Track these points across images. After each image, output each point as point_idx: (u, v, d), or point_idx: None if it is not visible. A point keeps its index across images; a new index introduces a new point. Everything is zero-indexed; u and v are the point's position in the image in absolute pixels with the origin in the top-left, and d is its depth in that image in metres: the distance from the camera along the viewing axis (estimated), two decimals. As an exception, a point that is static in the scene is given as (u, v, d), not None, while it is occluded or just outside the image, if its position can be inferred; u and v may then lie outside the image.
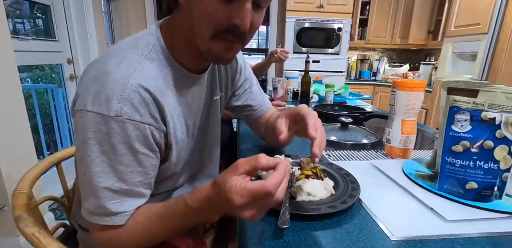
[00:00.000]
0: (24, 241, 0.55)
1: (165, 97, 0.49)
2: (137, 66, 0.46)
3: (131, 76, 0.45)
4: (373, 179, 0.66)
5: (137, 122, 0.45)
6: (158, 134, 0.49)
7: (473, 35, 2.35)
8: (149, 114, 0.47)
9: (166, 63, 0.51)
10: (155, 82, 0.48)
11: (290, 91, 1.81)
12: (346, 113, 1.30)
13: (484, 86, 0.57)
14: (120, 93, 0.43)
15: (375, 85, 3.62)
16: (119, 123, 0.43)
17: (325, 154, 0.82)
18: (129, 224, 0.48)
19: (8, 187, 1.26)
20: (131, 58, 0.47)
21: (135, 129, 0.45)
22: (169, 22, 0.53)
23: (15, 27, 1.82)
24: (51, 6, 1.99)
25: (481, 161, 0.53)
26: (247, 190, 0.37)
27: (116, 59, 0.47)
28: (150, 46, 0.50)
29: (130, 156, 0.46)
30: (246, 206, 0.37)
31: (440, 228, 0.47)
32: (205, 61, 0.58)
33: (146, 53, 0.49)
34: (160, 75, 0.50)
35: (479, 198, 0.53)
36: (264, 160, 0.39)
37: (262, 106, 0.82)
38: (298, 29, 3.21)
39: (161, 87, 0.49)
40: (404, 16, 3.51)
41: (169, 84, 0.51)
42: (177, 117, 0.54)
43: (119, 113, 0.43)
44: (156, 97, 0.47)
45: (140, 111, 0.45)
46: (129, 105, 0.44)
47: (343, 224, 0.48)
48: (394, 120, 0.77)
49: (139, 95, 0.45)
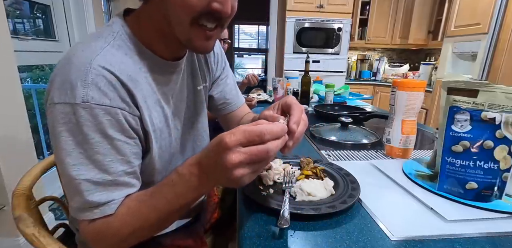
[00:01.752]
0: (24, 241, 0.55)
1: (135, 82, 0.47)
2: (99, 51, 0.44)
3: (93, 60, 0.43)
4: (373, 179, 0.66)
5: (107, 107, 0.42)
6: (133, 120, 0.47)
7: (473, 35, 2.35)
8: (119, 98, 0.44)
9: (135, 50, 0.49)
10: (122, 66, 0.46)
11: (290, 91, 1.81)
12: (346, 113, 1.30)
13: (484, 86, 0.57)
14: (83, 78, 0.41)
15: (375, 85, 3.62)
16: (87, 110, 0.41)
17: (325, 154, 0.82)
18: (120, 211, 0.45)
19: (8, 187, 1.26)
20: (93, 45, 0.46)
21: (106, 114, 0.42)
22: (138, 13, 0.51)
23: (15, 27, 1.82)
24: (51, 6, 1.99)
25: (481, 161, 0.53)
26: (241, 129, 0.36)
27: (79, 49, 0.45)
28: (114, 34, 0.48)
29: (106, 144, 0.43)
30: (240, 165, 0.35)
31: (440, 228, 0.47)
32: (181, 50, 0.56)
33: (110, 40, 0.47)
34: (129, 61, 0.48)
35: (479, 198, 0.53)
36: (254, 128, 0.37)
37: (236, 100, 0.79)
38: (298, 29, 3.20)
39: (130, 72, 0.46)
40: (404, 16, 3.51)
41: (140, 70, 0.49)
42: (152, 105, 0.51)
43: (85, 98, 0.41)
44: (123, 81, 0.45)
45: (109, 94, 0.43)
46: (95, 89, 0.41)
47: (343, 224, 0.48)
48: (394, 120, 0.77)
49: (105, 78, 0.42)
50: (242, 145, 0.36)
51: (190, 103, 0.63)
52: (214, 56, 0.71)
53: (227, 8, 0.45)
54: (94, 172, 0.43)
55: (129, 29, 0.49)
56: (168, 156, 0.58)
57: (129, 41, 0.49)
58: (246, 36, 6.99)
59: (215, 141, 0.38)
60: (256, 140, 0.36)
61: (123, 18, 0.51)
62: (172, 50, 0.54)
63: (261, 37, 6.91)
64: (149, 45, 0.51)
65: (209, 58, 0.69)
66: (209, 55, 0.69)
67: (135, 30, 0.50)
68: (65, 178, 0.44)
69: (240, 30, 6.80)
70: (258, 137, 0.36)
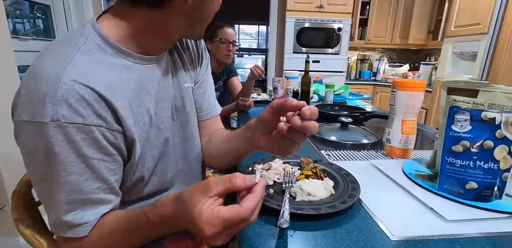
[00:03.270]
0: (24, 242, 0.55)
1: (115, 89, 0.44)
2: (69, 61, 0.41)
3: (63, 74, 0.39)
4: (373, 179, 0.66)
5: (80, 125, 0.40)
6: (111, 135, 0.44)
7: (473, 35, 2.35)
8: (94, 114, 0.41)
9: (112, 51, 0.46)
10: (97, 75, 0.42)
11: (290, 91, 1.81)
12: (346, 113, 1.30)
13: (484, 86, 0.57)
14: (52, 95, 0.38)
15: (375, 85, 3.62)
16: (58, 129, 0.38)
17: (325, 154, 0.82)
18: (93, 234, 0.45)
19: (8, 187, 1.26)
20: (60, 54, 0.42)
21: (79, 132, 0.40)
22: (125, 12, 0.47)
23: (15, 27, 1.82)
24: (51, 6, 1.99)
25: (481, 161, 0.53)
26: (221, 218, 0.33)
27: (45, 58, 0.42)
28: (84, 37, 0.45)
29: (81, 163, 0.41)
30: (218, 235, 0.34)
31: (440, 228, 0.47)
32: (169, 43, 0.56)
33: (80, 45, 0.43)
34: (104, 66, 0.45)
35: (479, 198, 0.53)
36: (240, 181, 0.36)
37: (210, 109, 0.72)
38: (298, 29, 3.20)
39: (107, 79, 0.44)
40: (404, 16, 3.51)
41: (121, 72, 0.47)
42: (136, 108, 0.49)
43: (55, 117, 0.38)
44: (101, 92, 0.42)
45: (81, 112, 0.40)
46: (66, 106, 0.38)
47: (343, 224, 0.48)
48: (394, 120, 0.77)
49: (76, 93, 0.39)
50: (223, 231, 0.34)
51: (178, 102, 0.61)
52: (201, 58, 0.69)
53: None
54: (67, 193, 0.42)
55: (102, 29, 0.46)
56: (153, 158, 0.56)
57: (103, 42, 0.46)
58: (246, 36, 6.98)
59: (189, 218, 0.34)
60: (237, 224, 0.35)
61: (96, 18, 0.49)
62: (159, 46, 0.53)
63: (261, 37, 6.90)
64: (130, 46, 0.48)
65: (196, 60, 0.68)
66: (196, 57, 0.68)
67: (112, 29, 0.47)
68: (39, 194, 0.44)
69: (240, 30, 6.79)
70: (241, 221, 0.34)
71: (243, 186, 0.36)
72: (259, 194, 0.36)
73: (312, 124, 0.41)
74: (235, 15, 5.70)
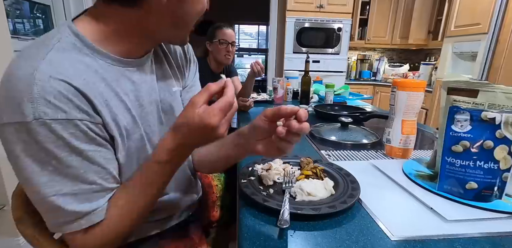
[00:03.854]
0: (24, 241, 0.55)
1: (92, 86, 0.43)
2: (42, 57, 0.40)
3: (37, 71, 0.38)
4: (373, 179, 0.66)
5: (64, 120, 0.39)
6: (97, 128, 0.44)
7: (473, 35, 2.35)
8: (76, 108, 0.41)
9: (88, 51, 0.45)
10: (72, 70, 0.42)
11: (290, 91, 1.81)
12: (346, 113, 1.30)
13: (484, 86, 0.57)
14: (29, 93, 0.37)
15: (375, 85, 3.62)
16: (43, 127, 0.38)
17: (325, 154, 0.82)
18: (111, 212, 0.46)
19: (8, 187, 1.26)
20: (34, 53, 0.41)
21: (65, 128, 0.39)
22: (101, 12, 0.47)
23: (15, 27, 1.82)
24: (51, 6, 1.99)
25: (481, 161, 0.53)
26: (217, 108, 0.42)
27: (18, 58, 0.41)
28: (59, 36, 0.44)
29: (76, 156, 0.41)
30: (220, 122, 0.43)
31: (440, 228, 0.47)
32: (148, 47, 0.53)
33: (54, 43, 0.43)
34: (80, 64, 0.44)
35: (479, 198, 0.53)
36: (214, 86, 0.45)
37: None
38: (298, 29, 3.20)
39: (84, 76, 0.43)
40: (404, 16, 3.51)
41: (97, 72, 0.45)
42: (116, 107, 0.48)
43: (37, 115, 0.37)
44: (78, 87, 0.41)
45: (62, 107, 0.39)
46: (45, 103, 0.38)
47: (343, 224, 0.48)
48: (394, 120, 0.77)
49: (53, 89, 0.38)
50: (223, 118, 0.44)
51: (165, 106, 0.59)
52: (189, 63, 0.68)
53: (208, 6, 0.51)
54: (68, 185, 0.42)
55: (77, 29, 0.45)
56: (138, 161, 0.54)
57: (79, 41, 0.45)
58: (246, 36, 6.98)
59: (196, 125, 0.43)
60: (228, 108, 0.44)
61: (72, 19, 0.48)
62: (138, 49, 0.51)
63: (261, 37, 6.90)
64: (107, 45, 0.47)
65: (183, 63, 0.66)
66: (184, 62, 0.66)
67: (88, 30, 0.46)
68: (36, 198, 0.42)
69: (240, 30, 6.79)
70: (230, 105, 0.44)
71: (218, 87, 0.45)
72: (230, 84, 0.46)
73: (306, 125, 0.45)
74: (235, 15, 5.70)
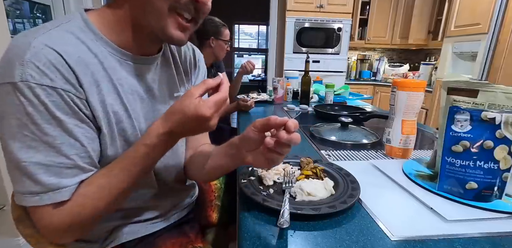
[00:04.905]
0: (24, 241, 0.55)
1: (85, 66, 0.44)
2: (44, 31, 0.42)
3: (36, 39, 0.41)
4: (373, 179, 0.66)
5: (49, 87, 0.40)
6: (81, 103, 0.44)
7: (473, 35, 2.35)
8: (63, 79, 0.41)
9: (92, 37, 0.47)
10: (69, 48, 0.43)
11: (290, 91, 1.81)
12: (346, 113, 1.30)
13: (484, 86, 0.57)
14: (21, 56, 0.39)
15: (375, 85, 3.62)
16: (28, 89, 0.39)
17: (325, 154, 0.82)
18: (90, 188, 0.45)
19: (8, 187, 1.26)
20: (40, 28, 0.44)
21: (49, 95, 0.40)
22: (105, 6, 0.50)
23: (15, 27, 1.82)
24: (51, 6, 1.99)
25: (481, 161, 0.53)
26: (212, 101, 0.44)
27: (27, 31, 0.44)
28: (68, 19, 0.47)
29: (55, 126, 0.41)
30: (212, 115, 0.44)
31: (440, 228, 0.47)
32: (151, 44, 0.54)
33: (62, 23, 0.45)
34: (79, 45, 0.45)
35: (479, 198, 0.53)
36: (211, 81, 0.46)
37: None
38: (298, 29, 3.20)
39: (79, 54, 0.44)
40: (404, 16, 3.51)
41: (96, 56, 0.47)
42: (106, 90, 0.48)
43: (24, 77, 0.38)
44: (68, 61, 0.42)
45: (49, 75, 0.40)
46: (33, 68, 0.39)
47: (343, 224, 0.48)
48: (394, 120, 0.77)
49: (44, 56, 0.40)
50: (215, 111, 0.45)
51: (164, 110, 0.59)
52: (197, 69, 0.69)
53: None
54: (42, 154, 0.41)
55: (88, 18, 0.48)
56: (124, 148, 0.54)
57: (86, 27, 0.47)
58: (246, 36, 6.99)
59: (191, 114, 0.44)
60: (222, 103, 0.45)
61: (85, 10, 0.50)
62: (140, 44, 0.52)
63: (261, 37, 6.91)
64: (110, 37, 0.49)
65: (192, 70, 0.67)
66: (192, 67, 0.67)
67: (95, 20, 0.48)
68: (11, 163, 0.42)
69: (240, 30, 6.80)
70: (224, 101, 0.45)
71: (215, 83, 0.46)
72: (226, 82, 0.47)
73: (296, 136, 0.44)
74: (235, 15, 5.70)
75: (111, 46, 0.49)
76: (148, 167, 0.50)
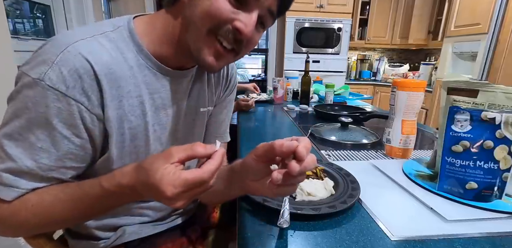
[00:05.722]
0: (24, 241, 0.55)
1: (116, 79, 0.44)
2: (86, 37, 0.42)
3: (75, 43, 0.40)
4: (373, 179, 0.66)
5: (61, 93, 0.39)
6: (89, 118, 0.43)
7: (473, 35, 2.35)
8: (80, 89, 0.40)
9: (133, 48, 0.46)
10: (105, 58, 0.42)
11: (290, 91, 1.81)
12: (346, 113, 1.30)
13: (484, 86, 0.57)
14: (53, 57, 0.39)
15: (375, 85, 3.62)
16: (39, 88, 0.39)
17: (325, 154, 0.82)
18: (32, 200, 0.42)
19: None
20: (84, 30, 0.44)
21: (57, 100, 0.39)
22: (151, 15, 0.50)
23: (15, 27, 1.82)
24: (51, 6, 1.99)
25: (481, 161, 0.53)
26: (182, 179, 0.34)
27: (76, 29, 0.44)
28: (115, 26, 0.46)
29: (44, 130, 0.40)
30: (178, 196, 0.35)
31: (440, 228, 0.47)
32: (188, 60, 0.52)
33: (106, 30, 0.45)
34: (118, 56, 0.45)
35: (479, 198, 0.53)
36: (201, 148, 0.37)
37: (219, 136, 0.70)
38: (298, 29, 3.20)
39: (113, 66, 0.43)
40: (404, 16, 3.51)
41: (131, 69, 0.46)
42: (130, 106, 0.47)
43: (41, 77, 0.38)
44: (97, 73, 0.41)
45: (68, 82, 0.39)
46: (57, 71, 0.39)
47: (343, 224, 0.48)
48: (394, 120, 0.77)
49: (73, 64, 0.39)
50: (184, 193, 0.35)
51: (188, 123, 0.59)
52: (228, 83, 0.67)
53: (248, 30, 0.44)
54: (19, 150, 0.40)
55: (134, 27, 0.47)
56: None
57: (129, 37, 0.46)
58: (246, 36, 6.97)
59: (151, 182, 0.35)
60: (199, 185, 0.36)
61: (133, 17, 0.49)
62: (179, 58, 0.51)
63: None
64: (152, 49, 0.48)
65: (224, 83, 0.66)
66: (223, 81, 0.65)
67: (141, 29, 0.48)
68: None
69: (240, 30, 6.78)
70: (202, 182, 0.35)
71: (204, 153, 0.37)
72: (218, 159, 0.37)
73: (311, 161, 0.37)
74: (235, 15, 5.69)
75: (150, 59, 0.48)
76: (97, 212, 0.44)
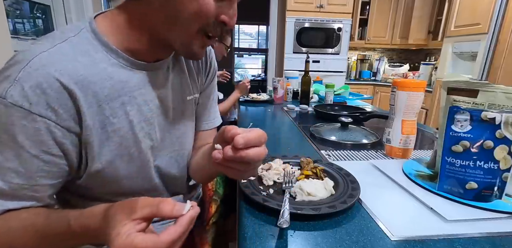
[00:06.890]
0: None
1: (88, 84, 0.43)
2: (48, 48, 0.41)
3: (35, 58, 0.40)
4: (373, 179, 0.66)
5: (25, 110, 0.38)
6: (60, 132, 0.41)
7: (473, 35, 2.35)
8: (45, 104, 0.39)
9: (101, 48, 0.45)
10: (72, 66, 0.41)
11: (290, 91, 1.81)
12: (346, 113, 1.30)
13: (484, 86, 0.57)
14: (15, 74, 0.38)
15: (375, 85, 3.62)
16: (2, 106, 0.38)
17: (325, 154, 0.82)
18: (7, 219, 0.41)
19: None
20: (46, 41, 0.43)
21: (21, 118, 0.38)
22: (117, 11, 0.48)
23: (15, 27, 1.82)
24: (51, 6, 1.99)
25: (481, 161, 0.53)
26: (133, 246, 0.30)
27: (36, 42, 0.43)
28: (78, 30, 0.45)
29: (11, 150, 0.39)
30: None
31: (440, 228, 0.47)
32: (163, 52, 0.52)
33: (70, 36, 0.44)
34: (86, 59, 0.43)
35: (479, 198, 0.53)
36: (168, 209, 0.32)
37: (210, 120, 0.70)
38: (298, 29, 3.20)
39: (83, 72, 0.42)
40: (404, 16, 3.51)
41: (103, 70, 0.45)
42: (110, 109, 0.46)
43: (3, 94, 0.38)
44: (65, 83, 0.40)
45: (31, 98, 0.38)
46: (19, 88, 0.38)
47: (343, 224, 0.48)
48: (394, 120, 0.77)
49: (35, 79, 0.39)
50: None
51: (176, 115, 0.58)
52: (208, 68, 0.67)
53: (233, 22, 0.47)
54: None
55: (97, 26, 0.46)
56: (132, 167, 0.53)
57: (94, 38, 0.45)
58: (246, 36, 6.98)
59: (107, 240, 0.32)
60: None
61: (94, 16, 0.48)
62: (153, 51, 0.50)
63: (261, 37, 6.91)
64: (121, 45, 0.47)
65: (203, 69, 0.65)
66: (203, 67, 0.65)
67: (104, 27, 0.46)
68: None
69: (240, 30, 6.79)
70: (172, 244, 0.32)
71: (169, 215, 0.32)
72: (182, 227, 0.32)
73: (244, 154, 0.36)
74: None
75: (122, 56, 0.47)
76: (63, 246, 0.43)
